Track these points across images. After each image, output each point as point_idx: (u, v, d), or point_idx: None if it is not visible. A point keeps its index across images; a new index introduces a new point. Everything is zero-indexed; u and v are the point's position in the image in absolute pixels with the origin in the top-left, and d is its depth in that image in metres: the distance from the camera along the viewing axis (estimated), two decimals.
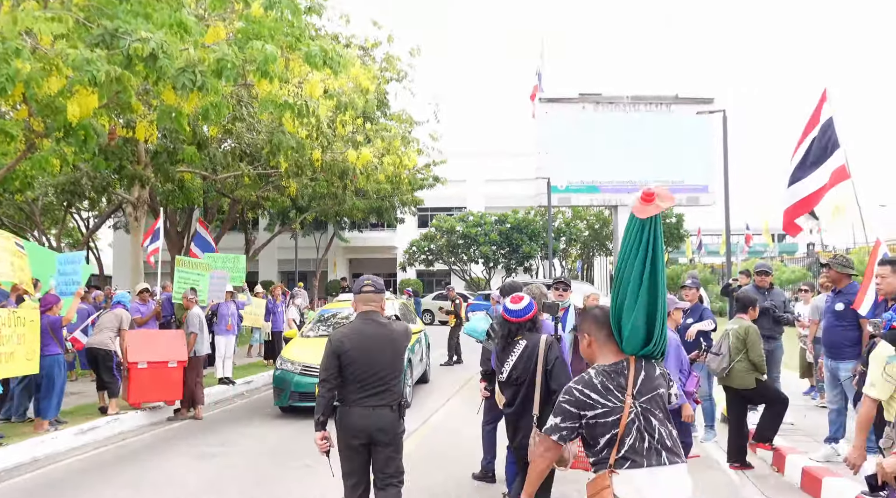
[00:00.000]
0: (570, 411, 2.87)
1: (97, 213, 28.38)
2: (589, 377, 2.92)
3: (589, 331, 3.07)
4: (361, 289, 4.48)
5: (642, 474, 2.77)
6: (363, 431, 4.25)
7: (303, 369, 9.71)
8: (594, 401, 2.85)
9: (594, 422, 2.85)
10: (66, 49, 7.51)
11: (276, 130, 14.30)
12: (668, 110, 26.41)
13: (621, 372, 2.92)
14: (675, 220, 37.96)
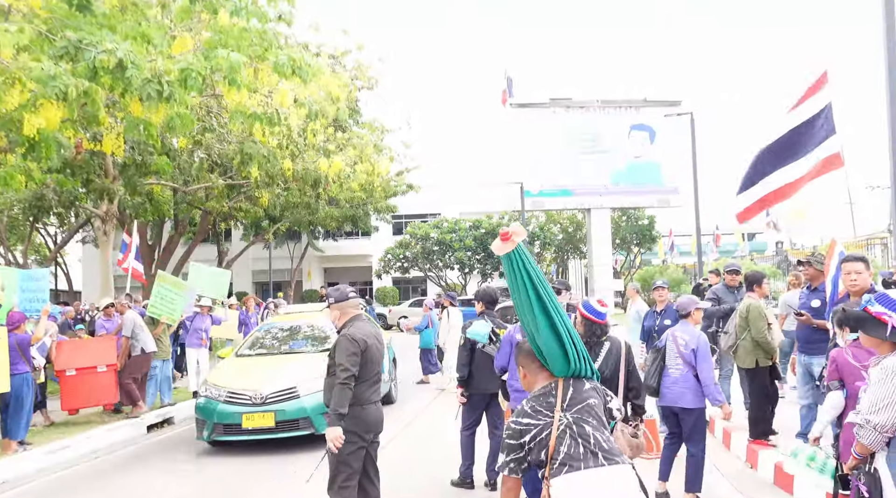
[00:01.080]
0: (513, 444, 2.96)
1: (65, 229, 27.91)
2: (521, 408, 3.05)
3: (522, 364, 3.18)
4: (348, 296, 4.76)
5: (580, 476, 2.83)
6: (375, 426, 4.65)
7: (228, 397, 8.14)
8: (527, 424, 2.95)
9: (533, 445, 2.93)
10: (29, 62, 7.39)
11: (246, 140, 14.19)
12: (637, 114, 26.70)
13: (550, 392, 3.03)
14: (648, 222, 38.34)
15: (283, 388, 8.12)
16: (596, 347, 4.74)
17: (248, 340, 10.17)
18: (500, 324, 6.33)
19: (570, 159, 26.39)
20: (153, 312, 10.82)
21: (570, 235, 39.43)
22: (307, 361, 8.83)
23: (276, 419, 7.92)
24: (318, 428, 7.70)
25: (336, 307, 4.75)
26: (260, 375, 8.51)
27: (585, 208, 27.30)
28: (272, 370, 8.72)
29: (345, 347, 4.52)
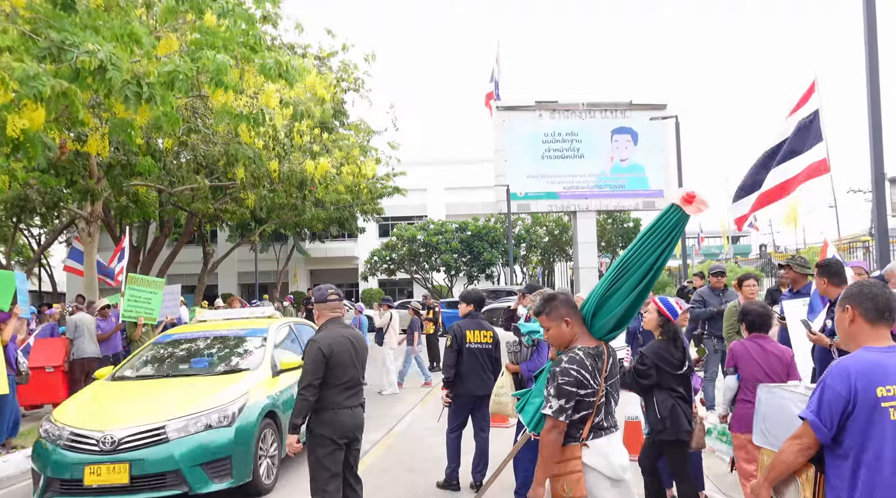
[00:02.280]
0: (572, 391, 3.06)
1: (49, 230, 27.66)
2: (581, 358, 3.12)
3: (568, 314, 3.26)
4: (327, 297, 4.74)
5: (603, 441, 3.16)
6: (351, 431, 4.61)
7: (70, 440, 5.80)
8: (587, 381, 3.09)
9: (579, 400, 3.09)
10: (12, 63, 7.34)
11: (231, 141, 14.16)
12: (623, 116, 26.85)
13: (600, 356, 3.18)
14: (633, 225, 38.58)
15: (146, 428, 5.72)
16: (680, 345, 4.87)
17: (136, 355, 7.70)
18: (486, 325, 6.37)
19: (555, 162, 26.49)
20: (127, 315, 10.77)
21: (555, 238, 39.61)
22: (192, 389, 6.48)
23: (132, 473, 5.52)
24: (194, 486, 5.62)
25: (315, 308, 4.83)
26: (118, 409, 6.23)
27: (571, 211, 27.41)
28: (138, 402, 6.39)
29: (308, 353, 4.58)
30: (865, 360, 2.53)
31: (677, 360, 4.77)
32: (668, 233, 3.12)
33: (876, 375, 2.47)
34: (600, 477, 3.10)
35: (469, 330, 6.21)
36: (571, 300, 3.34)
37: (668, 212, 3.14)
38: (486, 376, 6.16)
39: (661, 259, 3.16)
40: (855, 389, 2.46)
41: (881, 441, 2.42)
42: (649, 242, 3.15)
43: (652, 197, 26.85)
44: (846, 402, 2.47)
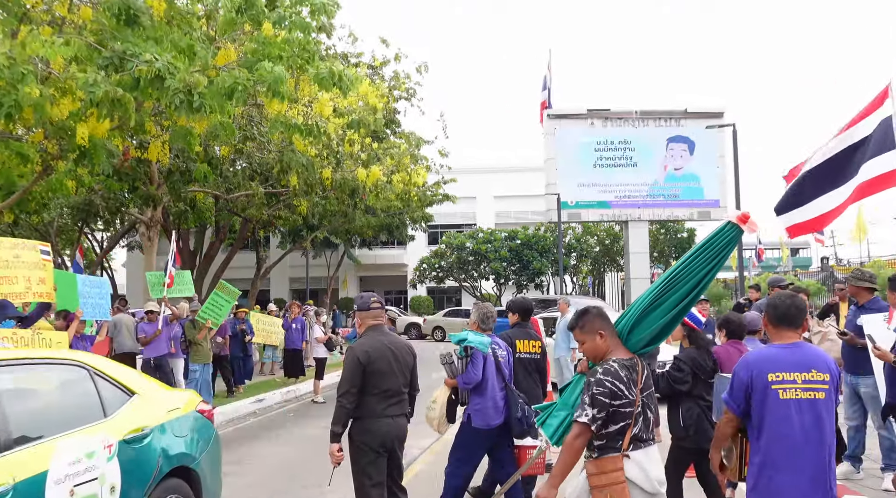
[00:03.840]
0: (605, 402, 3.15)
1: (111, 234, 28.65)
2: (615, 370, 3.21)
3: (602, 328, 3.37)
4: (370, 305, 4.75)
5: (641, 453, 3.22)
6: (391, 440, 4.57)
7: None
8: (622, 392, 3.17)
9: (614, 411, 3.16)
10: (77, 73, 7.64)
11: (286, 149, 14.44)
12: (677, 125, 26.36)
13: (634, 367, 3.27)
14: (687, 235, 37.81)
15: None
16: (710, 353, 4.99)
17: None
18: (534, 335, 6.31)
19: (607, 170, 26.18)
20: (203, 316, 11.23)
21: (606, 248, 39.10)
22: None
23: None
24: None
25: (356, 315, 4.84)
26: None
27: (623, 220, 27.01)
28: None
29: (346, 361, 4.59)
30: (762, 353, 3.41)
31: (709, 367, 4.93)
32: (720, 249, 3.25)
33: (768, 364, 3.30)
34: (638, 490, 3.17)
35: (519, 339, 6.17)
36: (605, 314, 3.43)
37: (723, 229, 3.26)
38: (536, 386, 6.11)
39: (710, 275, 3.27)
40: (752, 376, 3.30)
41: (772, 414, 3.25)
42: (702, 258, 3.27)
43: (707, 207, 26.27)
44: (747, 385, 3.32)
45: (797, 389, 3.24)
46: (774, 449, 3.25)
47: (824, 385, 3.27)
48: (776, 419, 3.24)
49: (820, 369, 3.29)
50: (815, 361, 3.31)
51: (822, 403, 3.26)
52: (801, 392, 3.24)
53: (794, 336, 3.39)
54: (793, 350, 3.33)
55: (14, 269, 7.94)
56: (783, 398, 3.24)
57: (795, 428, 3.21)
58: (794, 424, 3.21)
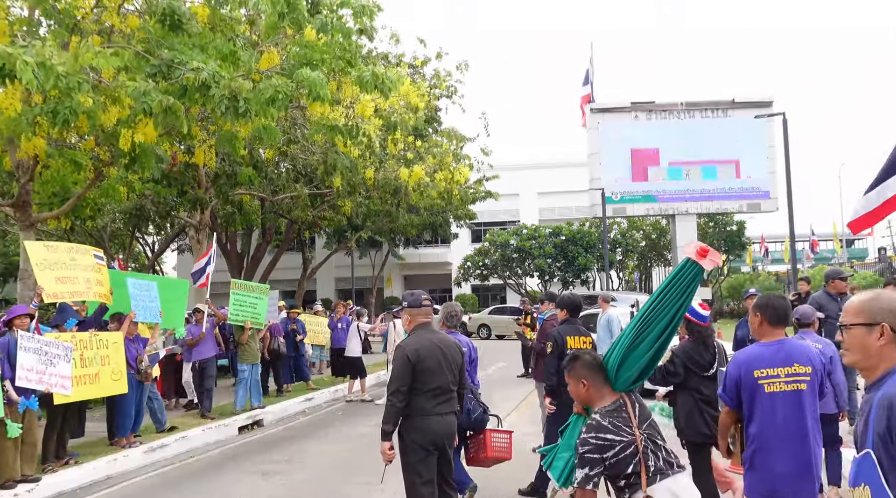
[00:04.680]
0: (596, 459, 3.13)
1: (162, 238, 29.35)
2: (597, 423, 3.20)
3: (585, 376, 3.35)
4: (421, 302, 4.77)
5: (669, 482, 3.16)
6: (441, 438, 4.56)
7: None
8: (611, 440, 3.14)
9: (615, 460, 3.12)
10: (126, 81, 7.83)
11: (329, 151, 14.55)
12: (724, 115, 25.76)
13: (622, 408, 3.25)
14: (736, 228, 36.93)
15: None
16: (709, 348, 5.09)
17: None
18: (584, 331, 6.22)
19: (653, 164, 25.74)
20: (234, 319, 11.16)
21: (653, 242, 38.48)
22: None
23: None
24: None
25: (406, 312, 4.84)
26: None
27: (669, 214, 26.53)
28: None
29: (395, 359, 4.60)
30: (750, 352, 3.80)
31: (706, 361, 5.03)
32: (686, 286, 3.29)
33: (755, 362, 3.69)
34: None
35: (570, 336, 6.09)
36: (594, 362, 3.38)
37: (684, 266, 3.30)
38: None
39: (681, 312, 3.33)
40: (740, 373, 3.71)
41: (760, 406, 3.65)
42: (669, 296, 3.30)
43: (757, 198, 25.65)
44: (736, 381, 3.73)
45: (781, 382, 3.63)
46: (765, 436, 3.63)
47: (806, 377, 3.65)
48: (764, 410, 3.64)
49: (802, 363, 3.68)
50: (797, 356, 3.70)
51: (804, 394, 3.65)
52: (785, 385, 3.63)
53: (782, 334, 3.78)
54: (778, 347, 3.71)
55: (73, 270, 8.19)
56: (769, 391, 3.64)
57: (779, 418, 3.61)
58: (779, 414, 3.61)
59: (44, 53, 6.49)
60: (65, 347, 7.41)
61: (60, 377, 7.26)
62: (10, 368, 6.80)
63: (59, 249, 8.36)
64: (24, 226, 10.44)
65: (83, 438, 8.81)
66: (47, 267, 7.90)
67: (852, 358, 2.27)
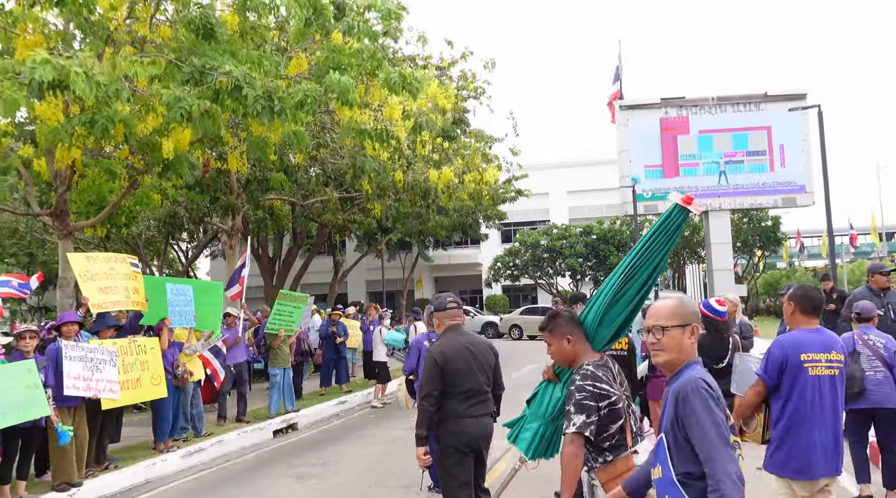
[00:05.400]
0: (593, 406, 3.07)
1: (195, 244, 29.77)
2: (592, 372, 3.15)
3: (570, 332, 3.31)
4: (446, 305, 4.74)
5: (646, 443, 3.26)
6: (476, 440, 4.53)
7: None
8: (607, 391, 3.11)
9: (607, 411, 3.08)
10: (161, 89, 7.94)
11: (358, 154, 14.61)
12: (757, 109, 25.29)
13: (607, 365, 3.24)
14: (772, 223, 36.24)
15: None
16: (724, 342, 5.45)
17: None
18: None
19: (684, 160, 25.39)
20: (271, 328, 11.25)
21: (686, 239, 37.95)
22: None
23: None
24: None
25: (434, 316, 4.85)
26: None
27: (702, 211, 26.12)
28: None
29: (424, 363, 4.59)
30: (795, 336, 4.07)
31: (717, 355, 5.42)
32: (672, 233, 3.22)
33: (801, 346, 3.99)
34: None
35: None
36: (575, 318, 3.36)
37: (671, 212, 3.19)
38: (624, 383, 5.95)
39: (663, 262, 3.26)
40: (787, 355, 4.00)
41: (802, 386, 3.94)
42: (657, 243, 3.23)
43: (793, 193, 25.11)
44: (781, 363, 4.02)
45: (822, 366, 3.94)
46: (803, 414, 3.93)
47: (839, 364, 3.99)
48: (806, 391, 3.93)
49: (838, 351, 4.01)
50: (834, 344, 4.03)
51: (837, 379, 3.98)
52: (825, 369, 3.94)
53: (817, 322, 4.09)
54: (817, 335, 4.03)
55: (113, 279, 8.36)
56: (812, 374, 3.94)
57: (817, 399, 3.92)
58: (817, 396, 3.91)
59: (86, 64, 6.61)
60: (109, 352, 7.55)
61: (108, 382, 7.40)
62: (53, 376, 6.93)
63: (99, 260, 8.52)
64: (63, 235, 10.65)
65: (121, 443, 8.96)
66: (90, 278, 8.06)
67: (667, 357, 2.49)
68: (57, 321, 7.72)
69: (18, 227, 22.45)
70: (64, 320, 7.50)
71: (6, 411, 6.24)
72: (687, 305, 2.55)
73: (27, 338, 6.85)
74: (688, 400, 2.35)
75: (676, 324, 2.48)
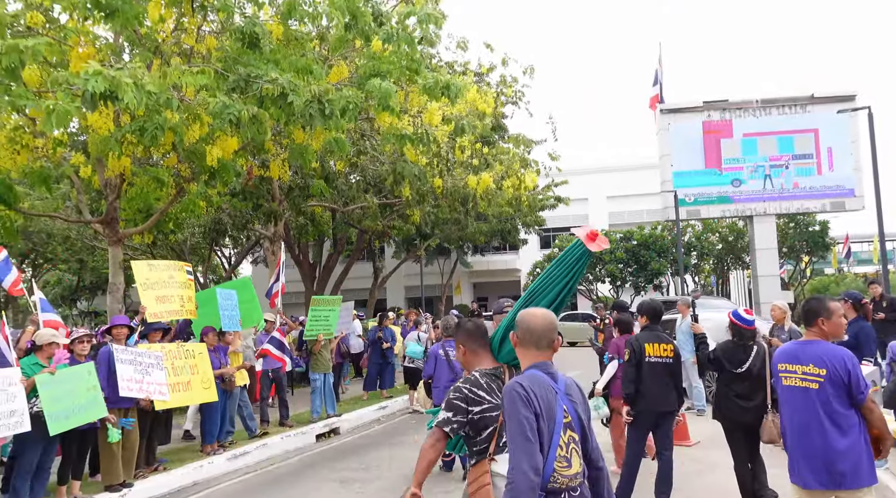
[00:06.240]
0: (461, 407, 3.25)
1: (238, 250, 30.28)
2: (475, 378, 3.33)
3: (464, 342, 3.50)
4: (503, 308, 4.89)
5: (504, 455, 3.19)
6: None
7: None
8: (481, 398, 3.26)
9: (479, 416, 3.23)
10: (207, 98, 8.12)
11: (398, 160, 14.70)
12: (803, 111, 24.72)
13: (498, 376, 3.39)
14: (819, 228, 35.31)
15: None
16: (747, 349, 5.69)
17: None
18: (665, 338, 6.03)
19: (728, 164, 24.93)
20: (309, 334, 11.36)
21: (730, 245, 37.24)
22: None
23: None
24: None
25: (494, 319, 5.12)
26: None
27: (747, 215, 25.58)
28: None
29: None
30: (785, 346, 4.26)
31: (737, 360, 5.70)
32: (572, 265, 3.43)
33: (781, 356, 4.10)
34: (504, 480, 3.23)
35: (648, 343, 5.92)
36: (473, 330, 3.52)
37: (573, 247, 3.43)
38: (669, 391, 5.85)
39: (567, 289, 3.44)
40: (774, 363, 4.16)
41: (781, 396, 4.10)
42: (555, 273, 3.45)
43: (841, 197, 24.44)
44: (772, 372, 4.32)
45: (796, 378, 3.94)
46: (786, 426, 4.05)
47: (819, 378, 3.86)
48: (783, 401, 4.06)
49: (816, 364, 3.89)
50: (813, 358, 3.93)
51: (814, 393, 3.87)
52: (800, 381, 3.92)
53: (809, 334, 4.04)
54: (804, 347, 3.99)
55: (169, 288, 8.57)
56: (785, 384, 4.01)
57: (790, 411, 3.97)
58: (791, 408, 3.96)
59: (136, 74, 6.79)
60: (155, 356, 7.72)
61: (157, 384, 7.58)
62: (104, 378, 7.12)
63: (160, 268, 8.74)
64: (112, 241, 10.94)
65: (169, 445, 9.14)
66: (149, 287, 8.28)
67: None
68: (110, 323, 7.96)
69: (70, 234, 23.12)
70: (115, 323, 7.72)
71: (70, 414, 6.44)
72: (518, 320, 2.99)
73: (85, 342, 7.09)
74: (503, 400, 2.76)
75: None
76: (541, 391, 2.76)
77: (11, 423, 5.99)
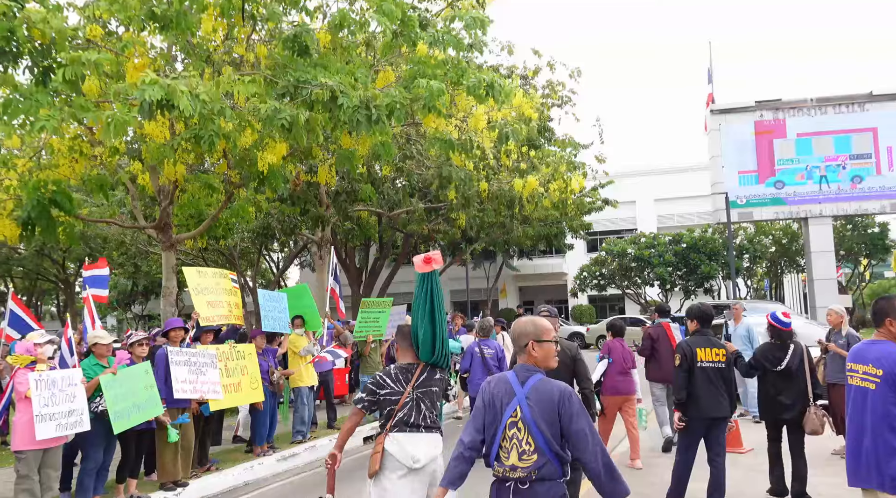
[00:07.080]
0: (371, 390, 4.12)
1: (286, 254, 30.77)
2: (389, 369, 4.18)
3: (398, 340, 4.33)
4: (539, 315, 4.78)
5: (403, 435, 4.04)
6: None
7: None
8: (387, 384, 4.10)
9: (383, 398, 4.08)
10: (258, 104, 8.28)
11: (444, 164, 14.73)
12: (861, 110, 23.91)
13: (412, 370, 4.17)
14: (879, 230, 34.08)
15: None
16: (785, 348, 6.26)
17: None
18: (717, 342, 5.90)
19: (781, 165, 24.28)
20: (358, 336, 11.48)
21: (784, 248, 36.24)
22: None
23: None
24: None
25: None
26: None
27: (801, 217, 24.85)
28: None
29: None
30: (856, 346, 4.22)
31: (776, 358, 6.26)
32: (427, 293, 4.09)
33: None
34: (394, 461, 4.00)
35: (699, 348, 5.80)
36: (405, 330, 4.25)
37: (419, 282, 4.12)
38: (721, 397, 5.72)
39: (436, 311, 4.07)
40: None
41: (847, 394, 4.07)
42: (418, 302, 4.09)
43: None
44: None
45: (858, 377, 3.93)
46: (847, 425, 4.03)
47: (876, 378, 3.83)
48: (847, 400, 4.03)
49: (875, 365, 3.85)
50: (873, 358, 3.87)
51: (871, 393, 3.83)
52: (861, 381, 3.91)
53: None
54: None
55: (218, 294, 8.77)
56: (850, 383, 4.01)
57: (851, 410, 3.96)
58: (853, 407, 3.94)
59: (191, 83, 6.97)
60: (210, 355, 7.90)
61: (212, 383, 7.74)
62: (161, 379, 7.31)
63: (208, 274, 8.96)
64: (166, 246, 11.23)
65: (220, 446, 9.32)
66: (200, 292, 8.48)
67: None
68: (165, 327, 8.16)
69: (125, 240, 23.84)
70: (171, 326, 7.92)
71: (130, 412, 6.64)
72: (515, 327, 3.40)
73: (144, 344, 7.32)
74: None
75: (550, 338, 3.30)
76: (496, 389, 3.26)
77: (71, 422, 6.19)
